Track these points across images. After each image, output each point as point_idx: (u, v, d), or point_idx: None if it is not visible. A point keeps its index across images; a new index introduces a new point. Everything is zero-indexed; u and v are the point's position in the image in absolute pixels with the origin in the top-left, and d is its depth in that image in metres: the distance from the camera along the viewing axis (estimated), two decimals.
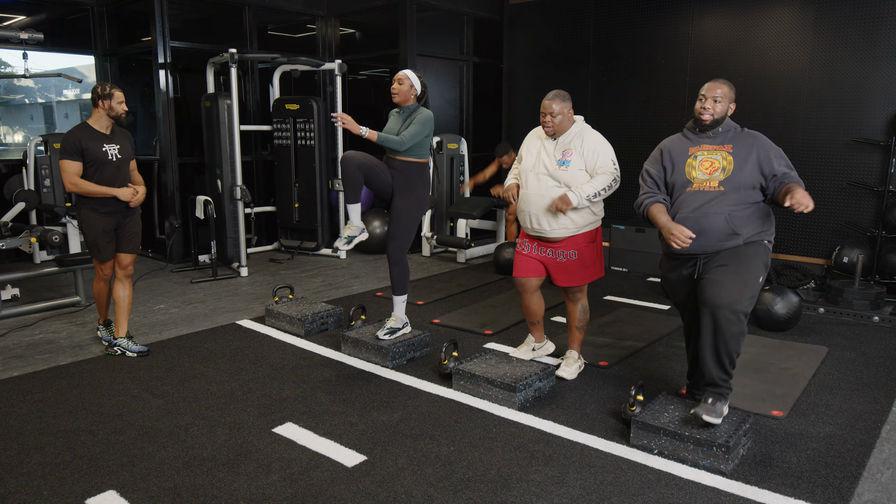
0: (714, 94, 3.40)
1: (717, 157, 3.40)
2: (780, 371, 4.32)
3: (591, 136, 4.06)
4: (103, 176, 4.50)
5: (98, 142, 4.49)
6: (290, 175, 8.20)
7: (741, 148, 3.38)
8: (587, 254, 4.12)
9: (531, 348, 4.52)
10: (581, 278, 4.16)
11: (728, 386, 3.32)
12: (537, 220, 4.07)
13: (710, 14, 6.94)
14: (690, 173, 3.43)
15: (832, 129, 6.32)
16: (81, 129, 4.48)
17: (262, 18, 8.72)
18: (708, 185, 3.36)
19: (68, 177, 4.42)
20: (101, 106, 4.49)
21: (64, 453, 3.29)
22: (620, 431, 3.51)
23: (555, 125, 4.01)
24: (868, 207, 6.23)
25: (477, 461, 3.21)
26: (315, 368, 4.42)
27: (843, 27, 6.20)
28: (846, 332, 5.20)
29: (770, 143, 3.42)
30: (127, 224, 4.66)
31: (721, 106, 3.40)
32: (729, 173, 3.34)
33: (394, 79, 4.42)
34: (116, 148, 4.57)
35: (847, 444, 3.39)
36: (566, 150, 4.02)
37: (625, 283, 6.78)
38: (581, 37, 7.88)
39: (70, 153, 4.42)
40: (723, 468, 3.09)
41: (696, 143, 3.49)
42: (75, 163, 4.43)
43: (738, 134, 3.45)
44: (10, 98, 22.68)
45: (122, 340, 4.71)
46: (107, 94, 4.47)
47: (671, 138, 3.63)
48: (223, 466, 3.16)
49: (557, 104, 3.99)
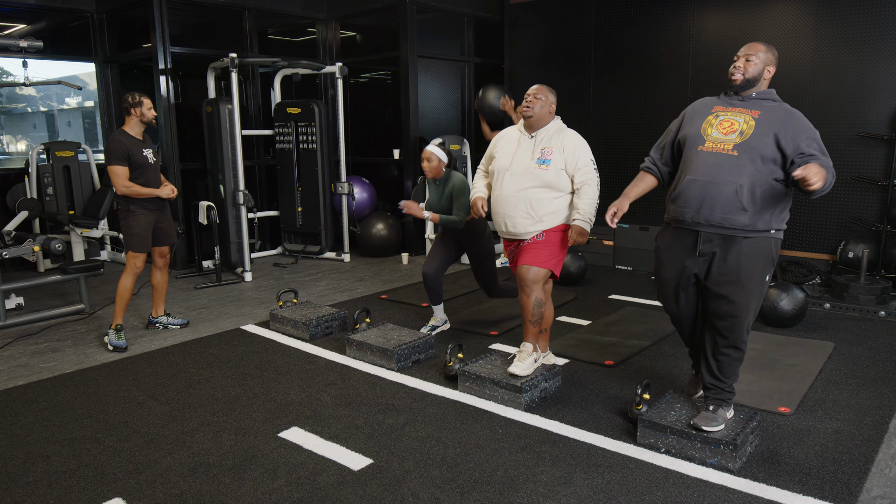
0: (748, 52, 3.13)
1: (739, 118, 3.11)
2: (786, 367, 4.30)
3: (571, 135, 3.92)
4: (146, 178, 4.93)
5: (138, 147, 4.88)
6: (293, 179, 8.20)
7: (770, 118, 3.08)
8: (555, 239, 3.88)
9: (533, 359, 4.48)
10: (543, 259, 3.84)
11: (730, 390, 3.30)
12: (512, 222, 3.92)
13: (711, 11, 6.92)
14: (706, 129, 3.16)
15: (836, 124, 6.29)
16: (123, 136, 4.84)
17: (262, 22, 8.72)
18: (721, 147, 3.08)
19: (120, 180, 4.79)
20: (133, 114, 4.87)
21: (69, 461, 3.29)
22: (627, 430, 3.49)
23: (534, 109, 3.86)
24: (873, 202, 6.20)
25: (483, 462, 3.20)
26: (320, 372, 4.42)
27: (844, 21, 6.17)
28: (852, 327, 5.17)
29: (806, 123, 3.09)
30: (165, 218, 5.16)
31: (754, 67, 3.11)
32: (746, 137, 3.05)
33: (422, 158, 4.80)
34: (151, 152, 5.00)
35: (855, 440, 3.37)
36: (545, 149, 3.85)
37: (630, 282, 6.76)
38: (582, 36, 7.87)
39: (119, 158, 4.78)
40: (730, 466, 3.08)
41: (724, 102, 3.23)
42: (124, 168, 4.80)
43: (773, 105, 3.14)
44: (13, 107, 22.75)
45: (162, 318, 5.38)
46: (137, 101, 4.85)
47: (703, 99, 3.37)
48: (229, 472, 3.16)
49: (543, 90, 3.89)
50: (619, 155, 7.47)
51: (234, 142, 7.08)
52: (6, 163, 16.28)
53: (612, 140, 7.58)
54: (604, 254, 7.52)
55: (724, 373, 3.28)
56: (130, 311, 5.88)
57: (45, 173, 7.71)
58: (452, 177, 4.79)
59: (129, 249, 4.97)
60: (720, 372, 3.28)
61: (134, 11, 7.88)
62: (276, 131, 8.23)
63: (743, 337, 3.22)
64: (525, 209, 3.86)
